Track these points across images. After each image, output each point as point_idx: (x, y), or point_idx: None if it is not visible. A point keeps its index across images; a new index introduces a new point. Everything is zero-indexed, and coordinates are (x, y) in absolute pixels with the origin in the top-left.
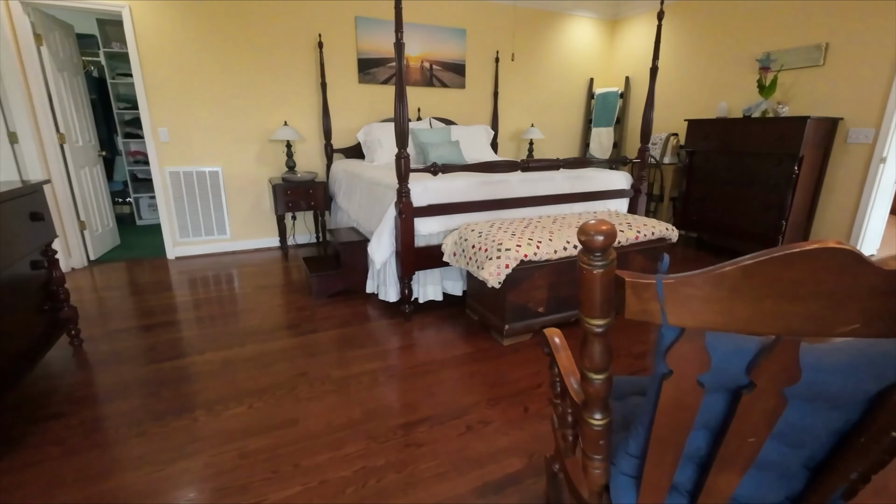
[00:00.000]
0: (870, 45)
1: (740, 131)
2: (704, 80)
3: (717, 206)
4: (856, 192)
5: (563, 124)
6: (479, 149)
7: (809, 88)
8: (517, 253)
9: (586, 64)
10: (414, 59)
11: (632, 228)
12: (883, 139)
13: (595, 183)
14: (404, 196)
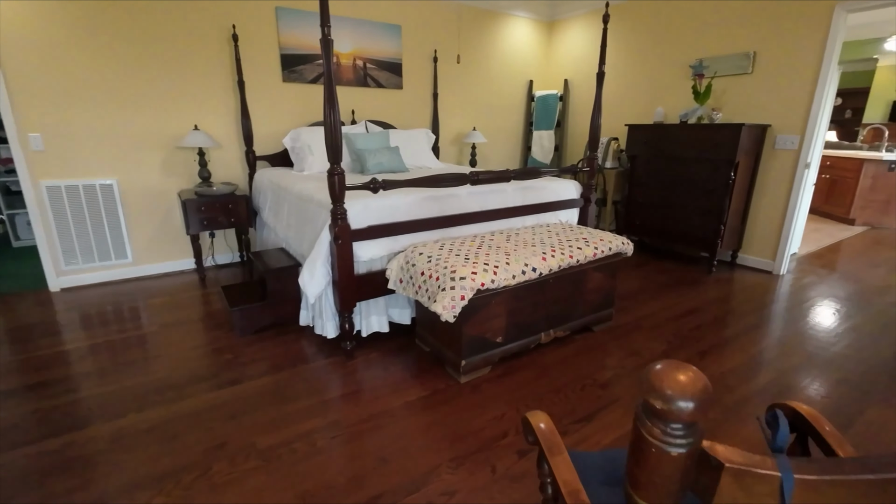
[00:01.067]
0: (794, 56)
1: (678, 137)
2: (642, 84)
3: (658, 210)
4: (784, 196)
5: (505, 127)
6: (420, 154)
7: (740, 95)
8: (473, 282)
9: (525, 66)
10: (345, 56)
11: (589, 245)
12: (807, 146)
13: (546, 193)
14: (340, 218)
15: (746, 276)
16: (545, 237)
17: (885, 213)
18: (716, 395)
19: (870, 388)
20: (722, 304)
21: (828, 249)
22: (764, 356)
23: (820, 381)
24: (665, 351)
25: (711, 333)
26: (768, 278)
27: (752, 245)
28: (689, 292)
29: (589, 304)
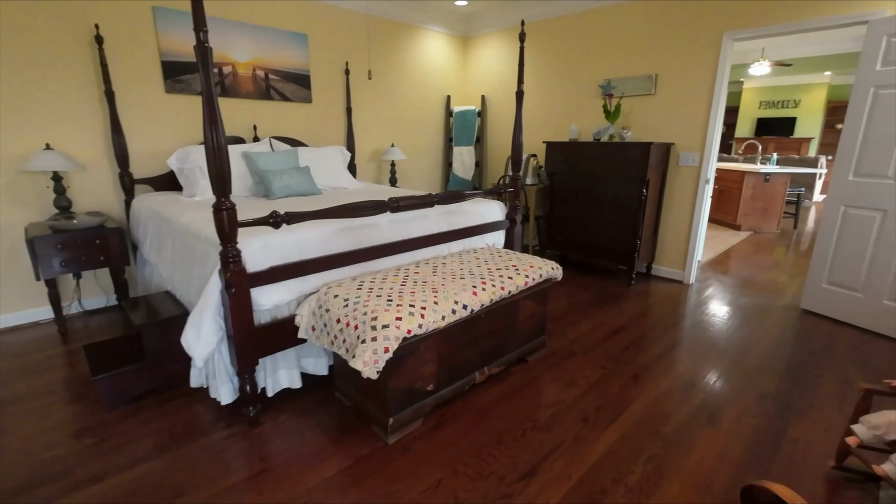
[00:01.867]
0: (690, 79)
1: (593, 154)
2: (556, 102)
3: (578, 226)
4: (688, 210)
5: (425, 143)
6: (335, 174)
7: (646, 115)
8: (398, 330)
9: (442, 81)
10: (243, 65)
11: (519, 273)
12: (706, 163)
13: (471, 217)
14: (232, 261)
15: (661, 286)
16: (474, 267)
17: (763, 219)
18: (655, 425)
19: (787, 401)
20: (644, 319)
21: (724, 255)
22: (690, 374)
23: (744, 398)
24: (600, 378)
25: (640, 353)
26: (680, 288)
27: (664, 256)
28: (613, 309)
29: (522, 335)
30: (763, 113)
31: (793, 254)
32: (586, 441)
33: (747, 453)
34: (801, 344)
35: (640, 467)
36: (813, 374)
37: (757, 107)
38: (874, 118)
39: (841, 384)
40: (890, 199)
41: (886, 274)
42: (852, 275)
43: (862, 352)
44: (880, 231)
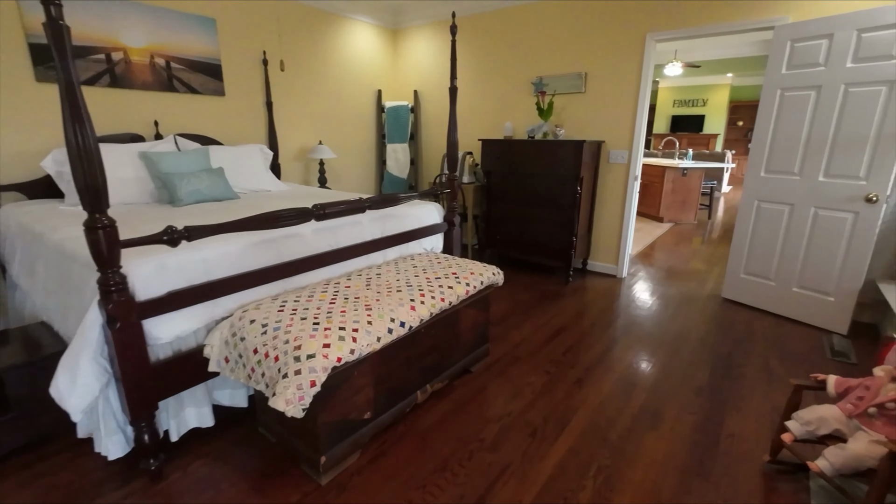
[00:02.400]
0: (617, 77)
1: (528, 152)
2: (490, 98)
3: (516, 224)
4: (619, 206)
5: (356, 140)
6: (255, 175)
7: (577, 112)
8: (326, 359)
9: (373, 75)
10: (138, 52)
11: (460, 282)
12: (634, 160)
13: (407, 221)
14: (116, 290)
15: (597, 282)
16: (411, 277)
17: (682, 211)
18: (602, 433)
19: (719, 395)
20: (583, 317)
21: (650, 247)
22: (630, 373)
23: (681, 394)
24: (545, 384)
25: (582, 354)
26: (614, 282)
27: (599, 252)
28: (554, 308)
29: (465, 345)
30: (676, 111)
31: (710, 243)
32: (535, 458)
33: (690, 455)
34: (726, 334)
35: (591, 482)
36: (739, 364)
37: (671, 105)
38: (781, 118)
39: (764, 373)
40: (796, 193)
41: (795, 263)
42: (766, 265)
43: (778, 337)
44: (789, 223)
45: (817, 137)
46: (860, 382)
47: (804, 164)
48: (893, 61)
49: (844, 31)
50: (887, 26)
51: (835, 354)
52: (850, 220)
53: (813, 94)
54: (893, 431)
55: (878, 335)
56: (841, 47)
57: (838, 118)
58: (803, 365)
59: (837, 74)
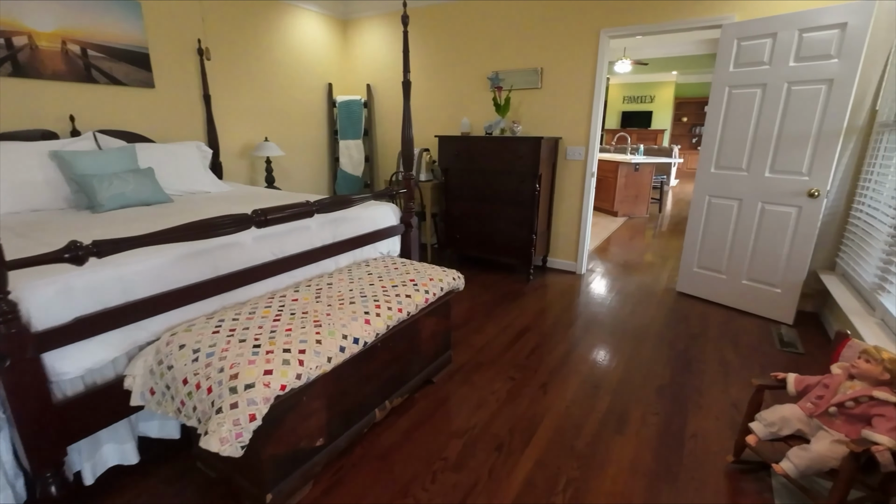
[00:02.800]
0: (573, 74)
1: (486, 149)
2: (447, 93)
3: (475, 222)
4: (577, 202)
5: (307, 137)
6: (191, 176)
7: (534, 108)
8: (267, 388)
9: (322, 67)
10: (46, 36)
11: (419, 289)
12: (591, 157)
13: (361, 224)
14: (3, 321)
15: (557, 279)
16: (366, 285)
17: (635, 205)
18: (569, 441)
19: (681, 392)
20: (545, 316)
21: (607, 242)
22: (594, 375)
23: (644, 393)
24: (510, 391)
25: (545, 356)
26: (574, 279)
27: (558, 249)
28: (516, 308)
29: (426, 355)
30: (626, 107)
31: (662, 235)
32: (502, 475)
33: (656, 459)
34: (683, 328)
35: (560, 496)
36: (697, 359)
37: (621, 101)
38: (730, 116)
39: (721, 366)
40: (744, 188)
41: (744, 256)
42: (717, 259)
43: (731, 329)
44: (738, 218)
45: (763, 134)
46: (819, 381)
47: (751, 160)
48: (832, 61)
49: (787, 31)
50: (825, 27)
51: (783, 345)
52: (794, 215)
53: (759, 92)
54: (853, 430)
55: (820, 324)
56: (784, 46)
57: (782, 115)
58: (756, 357)
59: (781, 73)
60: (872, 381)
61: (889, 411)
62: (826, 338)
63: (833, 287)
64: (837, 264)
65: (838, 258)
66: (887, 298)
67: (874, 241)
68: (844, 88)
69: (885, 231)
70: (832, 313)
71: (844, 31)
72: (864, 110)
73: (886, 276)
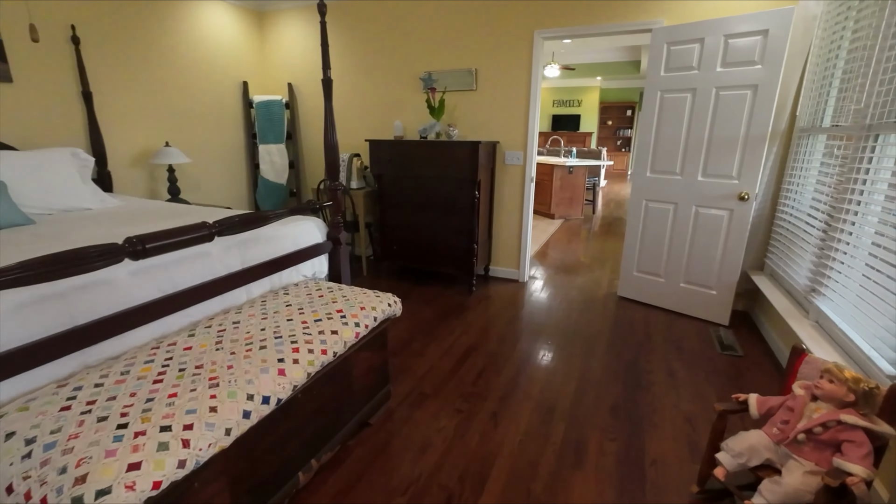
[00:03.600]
0: (509, 76)
1: (422, 154)
2: (378, 94)
3: (413, 232)
4: (517, 208)
5: (219, 141)
6: (64, 190)
7: (470, 111)
8: (131, 493)
9: (236, 64)
10: None
11: (348, 322)
12: (529, 162)
13: (278, 245)
14: None
15: (500, 288)
16: (283, 322)
17: (571, 207)
18: (526, 483)
19: (635, 411)
20: (491, 331)
21: (546, 246)
22: (546, 398)
23: (600, 416)
24: (458, 426)
25: (494, 379)
26: (517, 287)
27: (500, 257)
28: (459, 324)
29: (360, 396)
30: (556, 110)
31: (598, 237)
32: None
33: (620, 494)
34: (628, 335)
35: None
36: (645, 370)
37: (551, 105)
38: (663, 120)
39: (669, 377)
40: (679, 192)
41: (681, 259)
42: (656, 262)
43: (673, 334)
44: (674, 221)
45: (695, 138)
46: (782, 402)
47: (685, 164)
48: (756, 67)
49: (713, 37)
50: (749, 33)
51: (724, 349)
52: (726, 217)
53: (689, 97)
54: (823, 458)
55: (752, 322)
56: (711, 51)
57: (712, 120)
58: (699, 362)
59: (709, 78)
60: (837, 402)
61: (858, 436)
62: (759, 336)
63: (765, 288)
64: (766, 264)
65: (767, 258)
66: (822, 301)
67: (805, 245)
68: (768, 94)
69: (816, 234)
70: (763, 312)
71: (766, 38)
72: (786, 115)
73: (819, 279)
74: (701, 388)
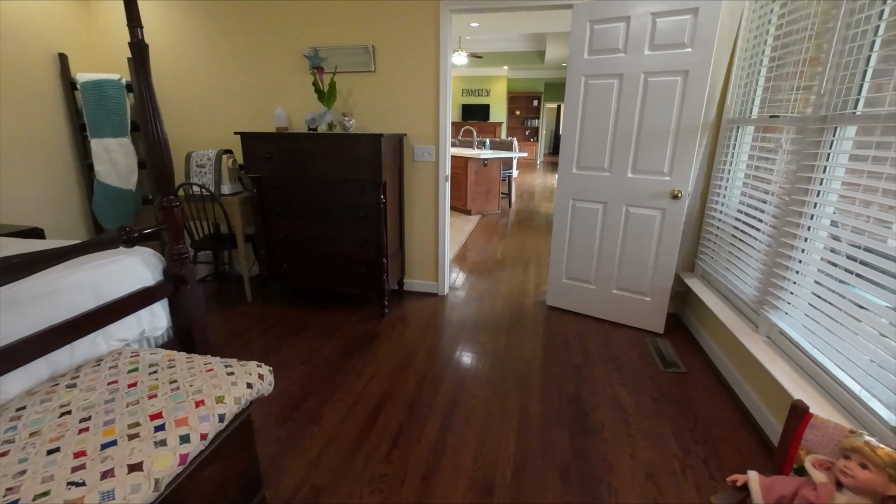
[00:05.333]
0: (414, 54)
1: (311, 150)
2: (252, 76)
3: (307, 246)
4: (432, 210)
5: (27, 135)
6: None
7: (368, 97)
8: None
9: (48, 28)
10: None
11: (168, 442)
12: (442, 158)
13: (67, 301)
14: None
15: (418, 306)
16: (36, 460)
17: (487, 202)
18: None
19: (589, 473)
20: (408, 370)
21: (464, 247)
22: (481, 468)
23: (551, 482)
24: None
25: (414, 446)
26: (437, 303)
27: (415, 268)
28: (369, 363)
29: None
30: (466, 100)
31: (517, 233)
32: None
33: None
34: (565, 357)
35: None
36: (591, 406)
37: (461, 94)
38: (588, 110)
39: (618, 412)
40: (608, 190)
41: (612, 264)
42: (586, 268)
43: (611, 350)
44: (603, 223)
45: (623, 130)
46: (795, 489)
47: (613, 159)
48: (686, 50)
49: (640, 15)
50: (677, 11)
51: (666, 365)
52: (658, 218)
53: (616, 83)
54: None
55: (684, 327)
56: (638, 32)
57: (641, 110)
58: (645, 386)
59: (637, 62)
60: (873, 495)
61: None
62: (696, 345)
63: (700, 292)
64: (697, 265)
65: (698, 259)
66: (776, 315)
67: (747, 249)
68: (699, 80)
69: (763, 239)
70: (697, 317)
71: (697, 17)
72: (714, 104)
73: (772, 290)
74: (654, 423)
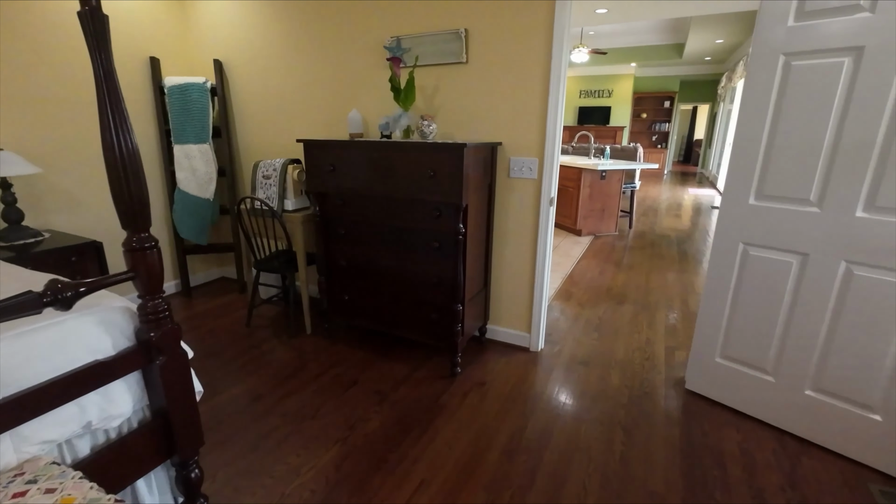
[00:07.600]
0: (518, 42)
1: (379, 162)
2: (329, 74)
3: (370, 278)
4: (529, 239)
5: None
6: None
7: (455, 97)
8: None
9: (143, 34)
10: None
11: None
12: (548, 174)
13: None
14: None
15: (500, 366)
16: None
17: (602, 221)
18: None
19: None
20: (475, 475)
21: (570, 280)
22: None
23: None
24: None
25: None
26: (527, 362)
27: (501, 312)
28: (422, 456)
29: None
30: (583, 102)
31: (639, 263)
32: None
33: None
34: (719, 491)
35: None
36: None
37: (578, 95)
38: (787, 106)
39: None
40: (814, 236)
41: (810, 350)
42: (759, 348)
43: (803, 488)
44: (799, 284)
45: (853, 141)
46: None
47: (828, 186)
48: None
49: None
50: None
51: None
52: None
53: (847, 64)
54: None
55: None
56: None
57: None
58: None
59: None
60: None
61: None
62: None
63: None
64: None
65: None
66: None
67: None
68: None
69: None
70: None
71: None
72: None
73: None
74: None
